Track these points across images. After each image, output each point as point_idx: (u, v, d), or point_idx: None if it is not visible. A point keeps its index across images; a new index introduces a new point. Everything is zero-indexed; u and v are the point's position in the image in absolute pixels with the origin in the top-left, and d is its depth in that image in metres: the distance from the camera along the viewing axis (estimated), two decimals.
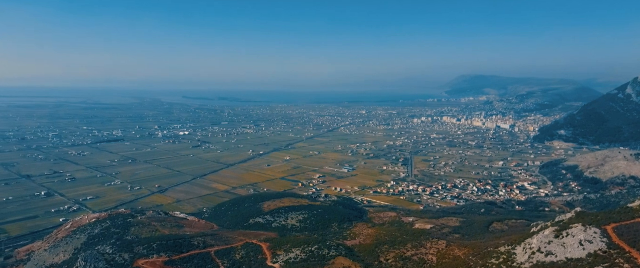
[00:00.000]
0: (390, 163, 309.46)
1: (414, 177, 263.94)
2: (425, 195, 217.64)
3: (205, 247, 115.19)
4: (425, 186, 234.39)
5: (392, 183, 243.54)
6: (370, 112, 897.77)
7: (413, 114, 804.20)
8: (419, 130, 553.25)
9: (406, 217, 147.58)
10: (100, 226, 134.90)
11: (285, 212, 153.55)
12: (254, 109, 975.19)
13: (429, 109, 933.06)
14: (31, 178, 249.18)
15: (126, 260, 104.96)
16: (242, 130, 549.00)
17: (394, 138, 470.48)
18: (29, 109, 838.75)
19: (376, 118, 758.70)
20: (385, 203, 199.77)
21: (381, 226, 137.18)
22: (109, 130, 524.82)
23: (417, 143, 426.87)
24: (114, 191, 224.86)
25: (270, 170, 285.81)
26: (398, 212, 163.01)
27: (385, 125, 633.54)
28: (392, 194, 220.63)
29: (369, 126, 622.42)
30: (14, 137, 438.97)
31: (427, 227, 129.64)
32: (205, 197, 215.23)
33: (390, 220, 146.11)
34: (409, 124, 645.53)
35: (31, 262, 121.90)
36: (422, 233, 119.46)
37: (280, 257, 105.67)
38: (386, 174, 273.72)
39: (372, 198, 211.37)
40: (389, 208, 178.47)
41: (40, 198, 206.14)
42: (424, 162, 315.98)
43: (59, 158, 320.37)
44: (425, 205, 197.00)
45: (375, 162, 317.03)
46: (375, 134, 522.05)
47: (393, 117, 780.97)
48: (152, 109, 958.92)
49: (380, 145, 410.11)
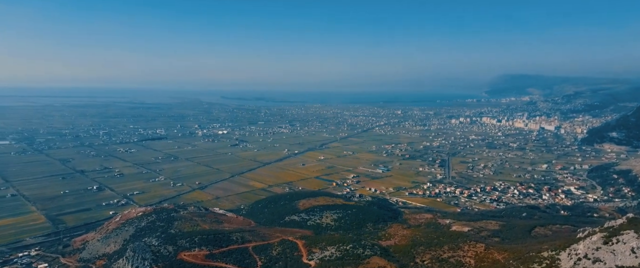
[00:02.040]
0: (426, 165, 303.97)
1: (451, 179, 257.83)
2: (463, 198, 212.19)
3: (243, 242, 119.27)
4: (463, 188, 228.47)
5: (429, 185, 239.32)
6: (406, 112, 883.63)
7: (451, 115, 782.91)
8: (457, 131, 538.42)
9: (443, 219, 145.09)
10: (147, 220, 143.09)
11: (320, 211, 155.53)
12: (289, 109, 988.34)
13: (467, 109, 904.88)
14: (85, 173, 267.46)
15: (170, 252, 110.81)
16: (278, 130, 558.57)
17: (431, 139, 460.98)
18: (82, 109, 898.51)
19: (412, 118, 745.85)
20: (421, 205, 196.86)
21: (417, 227, 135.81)
22: (153, 128, 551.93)
23: (455, 144, 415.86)
24: (158, 187, 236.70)
25: (305, 170, 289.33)
26: (434, 214, 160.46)
27: (422, 125, 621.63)
28: (428, 196, 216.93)
29: (405, 127, 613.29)
30: (69, 134, 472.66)
31: (465, 229, 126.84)
32: (243, 194, 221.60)
33: (427, 222, 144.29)
34: (446, 125, 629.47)
35: (86, 251, 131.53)
36: (459, 235, 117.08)
37: (316, 255, 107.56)
38: (422, 176, 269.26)
39: (408, 199, 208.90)
40: (425, 210, 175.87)
41: (92, 192, 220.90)
42: (462, 164, 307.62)
43: (108, 155, 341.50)
44: (462, 208, 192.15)
45: (411, 163, 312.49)
46: (411, 134, 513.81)
47: (430, 117, 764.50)
48: (192, 108, 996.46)
49: (417, 146, 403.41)
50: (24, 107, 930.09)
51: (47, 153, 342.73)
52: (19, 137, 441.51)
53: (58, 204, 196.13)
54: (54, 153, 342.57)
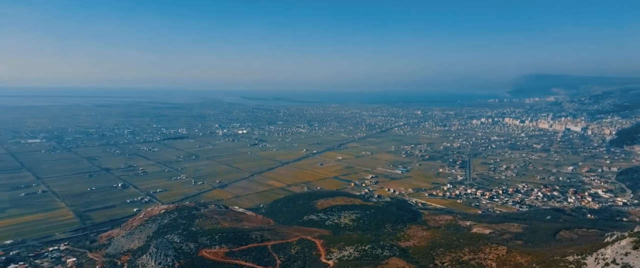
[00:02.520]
0: (446, 166, 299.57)
1: (472, 181, 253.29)
2: (484, 200, 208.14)
3: (262, 241, 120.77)
4: (484, 190, 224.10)
5: (449, 186, 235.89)
6: (426, 112, 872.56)
7: (472, 115, 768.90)
8: (478, 132, 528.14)
9: (463, 221, 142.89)
10: (169, 217, 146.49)
11: (339, 211, 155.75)
12: (307, 109, 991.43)
13: (489, 109, 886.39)
14: (110, 171, 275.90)
15: (192, 249, 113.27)
16: (296, 130, 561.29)
17: (451, 140, 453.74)
18: (107, 108, 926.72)
19: (432, 119, 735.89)
20: (441, 206, 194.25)
21: (437, 229, 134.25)
22: (175, 128, 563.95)
23: (476, 145, 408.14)
24: (179, 185, 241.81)
25: (323, 169, 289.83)
26: (455, 215, 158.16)
27: (442, 126, 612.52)
28: (448, 197, 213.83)
29: (425, 127, 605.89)
30: (95, 133, 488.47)
31: (486, 231, 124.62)
32: (262, 193, 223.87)
33: (447, 224, 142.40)
34: (467, 126, 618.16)
35: (112, 247, 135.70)
36: (480, 238, 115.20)
37: (334, 255, 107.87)
38: (442, 177, 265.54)
39: (427, 201, 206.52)
40: (445, 212, 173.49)
41: (117, 190, 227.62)
42: (484, 165, 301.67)
43: (132, 153, 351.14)
44: (484, 210, 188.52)
45: (431, 164, 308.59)
46: (431, 135, 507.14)
47: (450, 118, 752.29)
48: (213, 108, 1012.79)
49: (437, 147, 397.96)
50: (53, 106, 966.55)
51: (75, 152, 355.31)
52: (49, 135, 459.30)
53: (85, 201, 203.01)
54: (81, 152, 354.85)
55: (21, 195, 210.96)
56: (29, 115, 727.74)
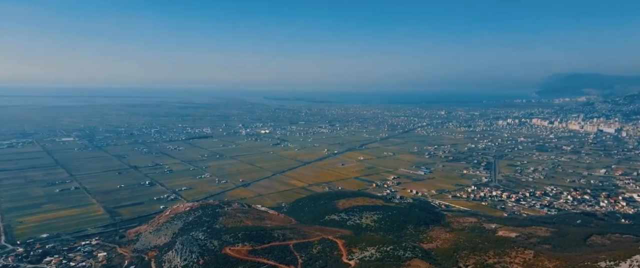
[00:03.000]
0: (471, 167, 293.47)
1: (498, 183, 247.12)
2: (510, 202, 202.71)
3: (284, 239, 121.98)
4: (510, 192, 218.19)
5: (473, 188, 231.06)
6: (450, 113, 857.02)
7: (498, 116, 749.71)
8: (504, 133, 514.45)
9: (488, 224, 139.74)
10: (194, 214, 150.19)
11: (360, 211, 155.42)
12: (329, 109, 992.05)
13: (516, 110, 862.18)
14: (138, 169, 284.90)
15: (216, 246, 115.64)
16: (317, 130, 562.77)
17: (476, 140, 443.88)
18: (136, 108, 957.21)
19: (456, 119, 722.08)
20: (465, 208, 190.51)
21: (460, 231, 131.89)
22: (199, 127, 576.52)
23: (502, 146, 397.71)
24: (204, 183, 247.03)
25: (344, 170, 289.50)
26: (479, 218, 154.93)
27: (466, 127, 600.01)
28: (472, 199, 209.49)
29: (448, 128, 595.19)
30: (125, 132, 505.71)
31: (512, 235, 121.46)
32: (284, 192, 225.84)
33: (471, 226, 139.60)
34: (493, 126, 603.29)
35: (139, 242, 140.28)
36: (506, 241, 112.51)
37: (356, 255, 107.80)
38: (466, 178, 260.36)
39: (451, 202, 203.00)
40: (469, 214, 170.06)
41: (145, 187, 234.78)
42: (510, 167, 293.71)
43: (159, 152, 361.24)
44: (510, 213, 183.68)
45: (455, 165, 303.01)
46: (455, 136, 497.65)
47: (475, 118, 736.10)
48: (236, 108, 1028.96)
49: (461, 148, 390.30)
50: (86, 106, 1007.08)
51: (105, 150, 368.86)
52: (82, 134, 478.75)
53: (115, 197, 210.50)
54: (111, 150, 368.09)
55: (56, 191, 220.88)
56: (64, 114, 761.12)
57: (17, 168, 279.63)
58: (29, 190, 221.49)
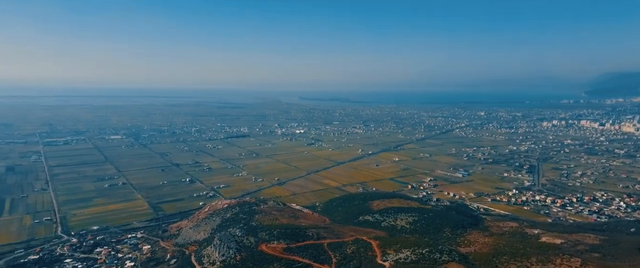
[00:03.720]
0: (512, 170, 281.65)
1: (541, 187, 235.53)
2: (555, 208, 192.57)
3: (318, 238, 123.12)
4: (555, 197, 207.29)
5: (515, 191, 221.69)
6: (490, 113, 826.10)
7: (542, 117, 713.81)
8: (549, 135, 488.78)
9: (530, 229, 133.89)
10: (231, 211, 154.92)
11: (395, 213, 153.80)
12: (363, 110, 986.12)
13: (562, 111, 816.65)
14: (179, 166, 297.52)
15: (252, 243, 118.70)
16: (352, 130, 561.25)
17: (518, 142, 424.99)
18: (177, 108, 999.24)
19: (497, 120, 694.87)
20: (506, 212, 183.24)
21: (500, 236, 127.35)
22: (237, 127, 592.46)
23: (547, 149, 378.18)
24: (241, 181, 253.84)
25: (379, 170, 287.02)
26: (521, 222, 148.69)
27: (508, 128, 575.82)
28: (513, 204, 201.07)
29: (489, 129, 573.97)
30: (167, 131, 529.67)
31: (557, 241, 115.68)
32: (318, 192, 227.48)
33: (511, 231, 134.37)
34: (536, 128, 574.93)
35: (180, 237, 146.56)
36: (550, 247, 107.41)
37: (390, 256, 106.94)
38: (507, 182, 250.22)
39: (490, 206, 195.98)
40: (510, 218, 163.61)
41: (185, 184, 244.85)
42: (555, 171, 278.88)
43: (199, 150, 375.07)
44: (554, 218, 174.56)
45: (495, 168, 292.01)
46: (496, 137, 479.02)
47: (517, 119, 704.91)
48: (272, 108, 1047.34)
49: (501, 150, 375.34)
50: (132, 106, 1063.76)
51: (149, 147, 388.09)
52: (128, 132, 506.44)
53: (158, 193, 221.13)
54: (154, 148, 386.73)
55: (105, 186, 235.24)
56: (112, 113, 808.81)
57: (72, 164, 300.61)
58: (82, 185, 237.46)
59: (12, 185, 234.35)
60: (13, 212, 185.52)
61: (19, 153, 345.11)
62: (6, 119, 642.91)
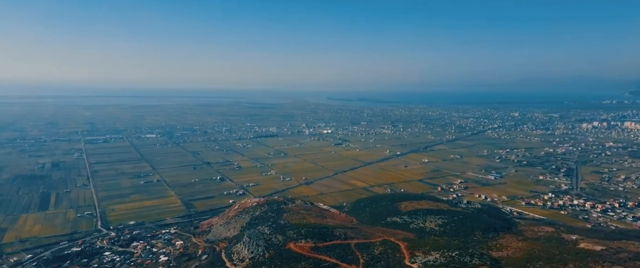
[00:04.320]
0: (548, 173, 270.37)
1: (580, 191, 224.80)
2: (595, 213, 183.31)
3: (346, 238, 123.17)
4: (595, 202, 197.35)
5: (551, 195, 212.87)
6: (525, 114, 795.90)
7: (582, 118, 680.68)
8: (588, 137, 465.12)
9: (568, 234, 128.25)
10: (260, 210, 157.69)
11: (423, 215, 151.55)
12: (392, 110, 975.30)
13: (604, 112, 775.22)
14: (210, 165, 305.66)
15: (280, 241, 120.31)
16: (380, 130, 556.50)
17: (555, 145, 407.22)
18: (209, 108, 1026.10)
19: (532, 121, 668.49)
20: (541, 216, 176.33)
21: (535, 241, 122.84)
22: (266, 126, 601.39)
23: (586, 151, 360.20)
24: (269, 180, 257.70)
25: (407, 172, 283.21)
26: (557, 227, 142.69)
27: (544, 129, 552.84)
28: (549, 208, 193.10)
29: (523, 130, 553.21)
30: (199, 130, 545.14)
31: (597, 248, 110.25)
32: (345, 192, 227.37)
33: (547, 236, 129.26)
34: (575, 130, 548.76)
35: (211, 234, 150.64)
36: (589, 254, 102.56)
37: (419, 258, 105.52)
38: (542, 185, 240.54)
39: (524, 210, 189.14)
40: (546, 223, 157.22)
41: (216, 182, 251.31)
42: (595, 175, 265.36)
43: (229, 149, 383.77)
44: (594, 224, 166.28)
45: (529, 171, 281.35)
46: (530, 139, 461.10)
47: (554, 120, 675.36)
48: (300, 108, 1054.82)
49: (537, 152, 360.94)
50: (166, 106, 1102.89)
51: (182, 146, 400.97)
52: (162, 131, 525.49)
53: (190, 191, 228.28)
54: (187, 146, 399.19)
55: (141, 183, 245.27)
56: (148, 113, 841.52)
57: (110, 161, 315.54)
58: (119, 181, 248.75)
59: (57, 181, 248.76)
60: (58, 206, 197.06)
61: (63, 150, 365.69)
62: (52, 118, 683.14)
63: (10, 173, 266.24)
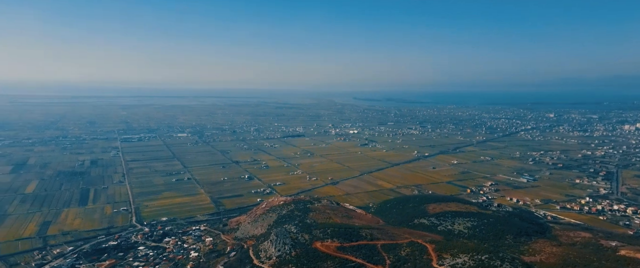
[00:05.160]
0: (585, 177, 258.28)
1: (621, 196, 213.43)
2: (638, 219, 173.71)
3: (372, 239, 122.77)
4: (637, 207, 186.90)
5: (588, 200, 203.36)
6: (561, 115, 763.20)
7: (623, 119, 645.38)
8: (631, 139, 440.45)
9: (607, 241, 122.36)
10: (287, 208, 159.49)
11: (452, 217, 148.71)
12: (420, 110, 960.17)
13: None
14: (239, 163, 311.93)
15: (306, 240, 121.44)
16: (407, 131, 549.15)
17: (593, 147, 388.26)
18: (238, 108, 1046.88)
19: (568, 123, 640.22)
20: (577, 221, 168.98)
21: (570, 246, 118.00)
22: (293, 126, 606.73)
23: (628, 154, 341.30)
24: (296, 179, 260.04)
25: (435, 173, 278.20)
26: (595, 233, 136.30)
27: (581, 131, 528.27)
28: (587, 213, 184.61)
29: (559, 132, 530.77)
30: (228, 130, 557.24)
31: (639, 256, 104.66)
32: (371, 192, 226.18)
33: (584, 241, 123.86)
34: (616, 131, 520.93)
35: (239, 231, 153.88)
36: (630, 262, 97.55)
37: (447, 261, 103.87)
38: (579, 188, 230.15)
39: (559, 214, 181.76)
40: (582, 228, 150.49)
41: (244, 181, 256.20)
42: (638, 179, 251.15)
43: (257, 149, 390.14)
44: (636, 230, 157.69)
45: (565, 174, 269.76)
46: (567, 141, 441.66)
47: (593, 122, 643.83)
48: (326, 109, 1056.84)
49: (573, 155, 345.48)
50: (197, 106, 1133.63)
51: (212, 145, 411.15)
52: (193, 130, 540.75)
53: (219, 189, 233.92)
54: (216, 145, 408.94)
55: (173, 180, 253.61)
56: (180, 113, 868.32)
57: (144, 159, 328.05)
58: (153, 178, 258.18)
59: (95, 177, 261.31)
60: (96, 201, 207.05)
61: (101, 148, 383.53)
62: (91, 117, 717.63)
63: (54, 169, 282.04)
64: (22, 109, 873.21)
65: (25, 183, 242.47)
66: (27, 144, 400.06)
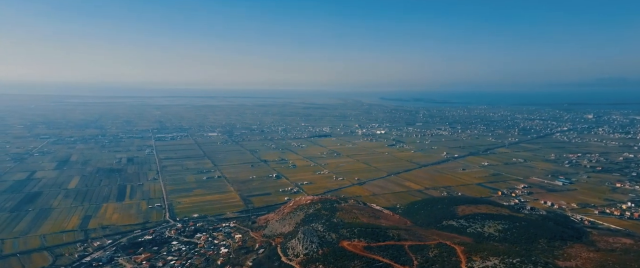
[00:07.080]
0: (627, 181, 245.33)
1: None
2: None
3: (399, 239, 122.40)
4: None
5: (630, 205, 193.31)
6: (601, 116, 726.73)
7: None
8: None
9: None
10: (314, 207, 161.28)
11: (482, 219, 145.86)
12: (449, 110, 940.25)
13: None
14: (267, 163, 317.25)
15: (333, 239, 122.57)
16: (436, 132, 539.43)
17: (636, 150, 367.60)
18: (266, 108, 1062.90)
19: (609, 124, 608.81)
20: (617, 227, 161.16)
21: (609, 252, 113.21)
22: (320, 126, 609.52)
23: None
24: (322, 179, 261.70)
25: (465, 175, 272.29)
26: (637, 239, 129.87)
27: (624, 133, 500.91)
28: (629, 218, 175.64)
29: (598, 133, 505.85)
30: (257, 129, 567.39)
31: None
32: (398, 193, 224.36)
33: (624, 248, 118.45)
34: None
35: (268, 229, 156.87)
36: None
37: (476, 264, 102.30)
38: (620, 193, 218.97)
39: (597, 219, 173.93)
40: (623, 234, 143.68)
41: (272, 179, 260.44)
42: None
43: (285, 148, 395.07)
44: None
45: (604, 177, 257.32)
46: (606, 143, 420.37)
47: (636, 123, 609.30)
48: (353, 109, 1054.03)
49: (614, 157, 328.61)
50: (226, 106, 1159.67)
51: (241, 144, 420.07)
52: (223, 130, 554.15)
53: (248, 187, 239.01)
54: (245, 144, 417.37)
55: (203, 178, 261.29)
56: (210, 112, 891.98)
57: (177, 157, 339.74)
58: (185, 176, 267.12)
59: (131, 174, 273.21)
60: (132, 197, 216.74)
61: (137, 146, 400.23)
62: (128, 116, 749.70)
63: (93, 166, 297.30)
64: (65, 108, 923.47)
65: (68, 179, 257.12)
66: (69, 142, 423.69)
